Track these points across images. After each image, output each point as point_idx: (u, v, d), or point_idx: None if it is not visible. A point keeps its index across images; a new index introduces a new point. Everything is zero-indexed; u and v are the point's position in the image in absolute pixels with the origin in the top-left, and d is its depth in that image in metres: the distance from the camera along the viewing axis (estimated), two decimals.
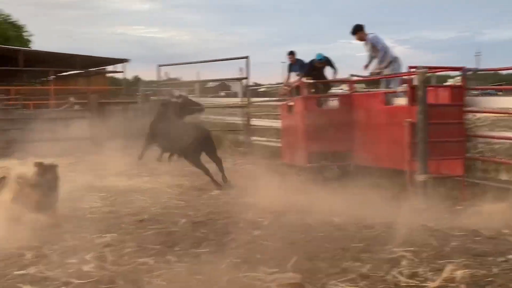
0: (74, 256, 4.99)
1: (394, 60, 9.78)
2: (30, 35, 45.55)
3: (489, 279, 4.23)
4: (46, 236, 5.57)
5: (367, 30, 9.94)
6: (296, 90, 10.92)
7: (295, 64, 12.09)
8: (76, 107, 16.56)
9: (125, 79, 25.99)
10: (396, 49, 11.45)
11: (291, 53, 12.11)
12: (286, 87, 12.07)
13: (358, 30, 9.95)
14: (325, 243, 5.32)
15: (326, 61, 10.58)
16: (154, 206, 7.11)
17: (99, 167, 10.69)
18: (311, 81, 9.98)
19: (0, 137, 14.64)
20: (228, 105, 16.76)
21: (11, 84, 29.44)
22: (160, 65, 15.91)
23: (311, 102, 9.38)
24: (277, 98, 12.86)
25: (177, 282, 4.28)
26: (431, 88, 7.90)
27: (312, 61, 10.90)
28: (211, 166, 9.02)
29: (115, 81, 35.41)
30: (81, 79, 26.84)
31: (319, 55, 10.44)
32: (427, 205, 6.90)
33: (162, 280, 4.31)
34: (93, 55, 23.64)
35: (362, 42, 10.03)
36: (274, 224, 6.10)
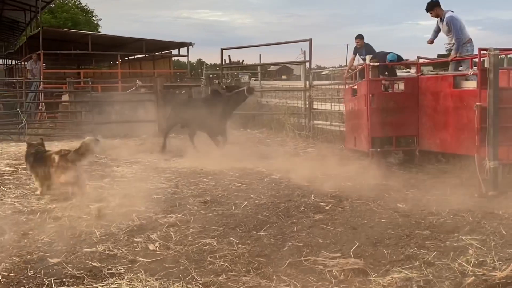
0: (140, 235, 5.15)
1: (468, 42, 9.41)
2: (99, 20, 47.02)
3: None
4: (114, 215, 5.77)
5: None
6: (360, 73, 10.73)
7: (362, 48, 11.83)
8: (143, 90, 16.97)
9: (189, 63, 26.39)
10: (467, 30, 10.88)
11: (360, 37, 11.85)
12: (350, 70, 11.86)
13: (434, 6, 9.55)
14: (389, 229, 5.23)
15: (398, 60, 10.31)
16: (216, 188, 7.21)
17: (165, 149, 10.94)
18: (376, 63, 9.73)
19: (71, 119, 15.28)
20: (290, 88, 16.66)
21: (80, 67, 30.60)
22: (223, 49, 16.05)
23: (376, 85, 9.18)
24: (340, 82, 12.65)
25: (239, 263, 4.34)
26: (503, 70, 7.54)
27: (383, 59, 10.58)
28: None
29: (179, 64, 36.07)
30: (147, 62, 27.44)
31: (392, 55, 10.18)
32: (496, 193, 6.66)
33: (225, 261, 4.38)
34: (158, 39, 24.04)
35: (437, 20, 9.66)
36: (336, 209, 6.06)
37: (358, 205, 6.17)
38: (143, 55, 26.62)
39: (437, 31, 9.93)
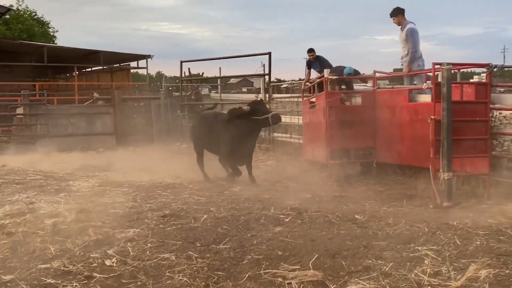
0: (97, 250, 5.04)
1: (420, 57, 9.63)
2: (55, 31, 46.15)
3: None
4: (70, 230, 5.64)
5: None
6: (318, 86, 10.87)
7: (315, 61, 12.01)
8: (100, 102, 16.74)
9: (148, 75, 26.19)
10: (422, 46, 11.22)
11: (311, 51, 12.04)
12: (307, 83, 12.01)
13: (398, 13, 9.65)
14: (347, 240, 5.28)
15: (355, 74, 10.52)
16: (176, 202, 7.14)
17: (122, 162, 10.78)
18: (334, 77, 9.89)
19: (25, 132, 14.92)
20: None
21: (36, 80, 29.96)
22: (182, 61, 16.00)
23: (333, 98, 9.32)
24: (299, 95, 12.79)
25: (198, 277, 4.30)
26: (456, 84, 7.78)
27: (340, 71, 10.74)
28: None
29: (138, 76, 35.75)
30: (105, 74, 27.10)
31: (349, 68, 10.38)
32: (451, 203, 6.83)
33: (183, 276, 4.33)
34: (116, 51, 23.79)
35: (399, 27, 9.79)
36: (295, 221, 6.07)
37: (317, 217, 6.21)
38: (101, 67, 26.28)
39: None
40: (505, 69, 8.55)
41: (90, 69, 28.43)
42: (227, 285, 4.16)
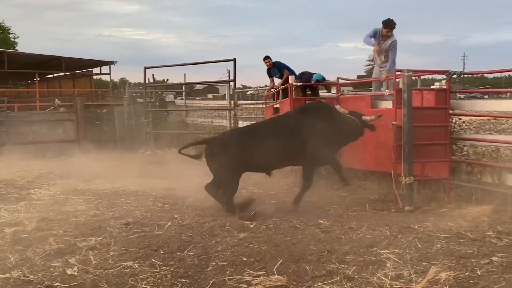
0: (58, 259, 4.95)
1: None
2: (16, 37, 45.26)
3: (473, 281, 4.25)
4: (31, 239, 5.52)
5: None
6: (283, 92, 10.94)
7: (273, 68, 12.09)
8: (62, 109, 16.46)
9: (111, 81, 25.90)
10: None
11: (267, 58, 12.09)
12: (271, 89, 12.07)
13: (393, 27, 9.75)
14: (311, 245, 5.32)
15: (323, 81, 10.64)
16: (139, 210, 7.06)
17: (84, 169, 10.60)
18: (300, 83, 9.97)
19: None
20: (215, 107, 16.73)
21: None
22: (146, 67, 15.87)
23: (297, 104, 9.37)
24: (264, 101, 12.85)
25: (162, 285, 4.26)
26: (417, 91, 7.94)
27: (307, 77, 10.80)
28: None
29: (102, 83, 35.30)
30: (67, 81, 26.67)
31: (318, 75, 10.49)
32: (412, 207, 6.95)
33: (147, 284, 4.29)
34: (79, 57, 23.45)
35: (378, 36, 9.88)
36: (260, 227, 6.08)
37: (281, 223, 6.23)
38: (63, 74, 25.85)
39: (370, 39, 10.13)
40: (464, 75, 8.77)
41: (52, 76, 27.93)
42: None
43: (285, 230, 5.90)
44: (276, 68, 11.98)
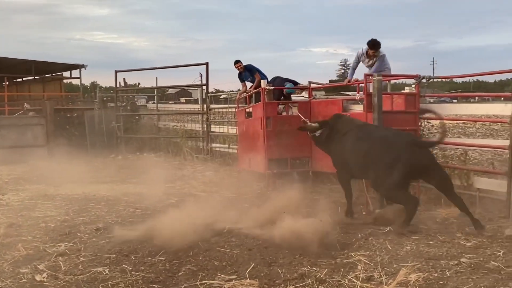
0: (27, 265, 4.87)
1: None
2: None
3: (442, 282, 4.31)
4: None
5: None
6: (255, 96, 10.96)
7: (245, 71, 12.09)
8: (31, 113, 16.19)
9: (82, 85, 25.56)
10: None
11: (238, 62, 12.06)
12: (243, 93, 12.07)
13: (378, 47, 9.76)
14: (283, 248, 5.33)
15: (294, 84, 10.72)
16: (110, 215, 7.00)
17: (54, 175, 10.44)
18: (272, 87, 10.00)
19: None
20: (187, 111, 16.66)
21: None
22: (117, 71, 15.72)
23: (272, 108, 9.40)
24: (236, 105, 12.86)
25: None
26: (387, 95, 8.04)
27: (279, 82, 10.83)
28: None
29: (72, 87, 34.83)
30: (37, 85, 26.23)
31: (290, 85, 10.59)
32: (383, 210, 7.02)
33: None
34: (49, 60, 23.10)
35: (361, 56, 9.88)
36: (232, 231, 6.07)
37: (254, 227, 6.21)
38: (32, 78, 25.43)
39: (355, 68, 10.13)
40: (434, 80, 8.91)
41: (21, 79, 27.43)
42: None
43: (257, 234, 5.89)
44: (247, 72, 11.98)
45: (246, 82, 12.32)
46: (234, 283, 4.34)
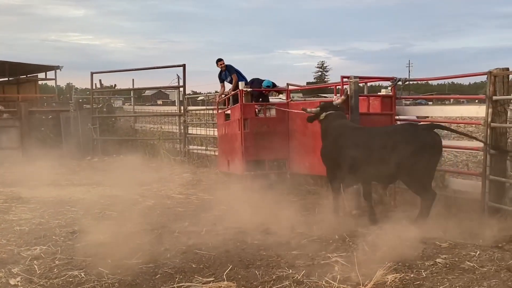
0: (1, 269, 4.80)
1: None
2: None
3: (418, 282, 4.37)
4: None
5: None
6: (233, 98, 10.95)
7: (225, 71, 12.04)
8: (5, 115, 15.93)
9: (57, 87, 25.23)
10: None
11: (220, 60, 11.99)
12: (222, 95, 12.04)
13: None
14: (261, 250, 5.34)
15: (273, 86, 10.72)
16: (86, 218, 6.91)
17: (29, 177, 10.28)
18: (250, 89, 10.00)
19: None
20: (164, 113, 16.56)
21: None
22: (93, 72, 15.56)
23: (249, 110, 9.40)
24: (215, 107, 12.81)
25: None
26: (363, 97, 8.10)
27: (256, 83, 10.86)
28: None
29: (47, 88, 34.36)
30: (11, 86, 25.81)
31: (268, 81, 10.58)
32: (359, 211, 7.07)
33: None
34: (23, 61, 22.73)
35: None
36: (210, 233, 6.06)
37: (232, 229, 6.22)
38: (6, 79, 25.01)
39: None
40: (409, 82, 9.01)
41: None
42: None
43: (235, 236, 5.90)
44: (228, 71, 11.94)
45: (225, 82, 12.27)
46: (211, 285, 4.33)
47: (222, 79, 12.26)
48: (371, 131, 6.66)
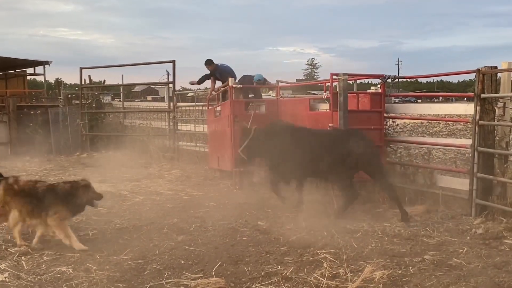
0: None
1: None
2: None
3: (406, 279, 4.39)
4: None
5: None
6: (223, 94, 10.92)
7: (216, 70, 11.94)
8: None
9: (46, 82, 25.05)
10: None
11: (208, 62, 11.78)
12: (214, 92, 12.00)
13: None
14: (250, 246, 5.35)
15: (264, 81, 10.70)
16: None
17: (17, 173, 10.19)
18: (240, 85, 9.97)
19: None
20: (154, 109, 16.50)
21: None
22: (82, 68, 15.47)
23: (239, 106, 9.38)
24: (204, 103, 12.77)
25: None
26: (353, 94, 8.12)
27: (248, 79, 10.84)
28: None
29: (36, 83, 34.11)
30: None
31: (259, 75, 10.55)
32: (348, 208, 7.09)
33: None
34: (12, 56, 22.53)
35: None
36: (199, 229, 6.06)
37: (221, 225, 6.23)
38: None
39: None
40: (399, 80, 9.05)
41: None
42: None
43: (224, 232, 5.90)
44: (218, 71, 11.83)
45: (216, 80, 12.15)
46: (200, 282, 4.32)
47: (214, 76, 12.16)
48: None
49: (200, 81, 12.36)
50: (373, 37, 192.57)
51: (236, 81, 10.49)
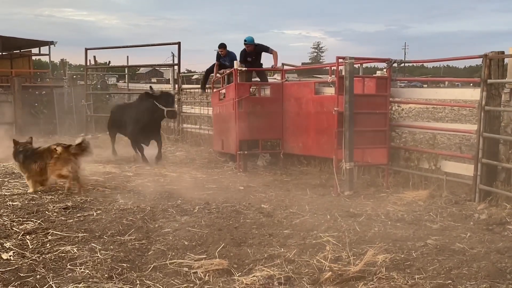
0: None
1: None
2: None
3: (408, 263, 4.40)
4: None
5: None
6: (228, 78, 10.89)
7: (225, 56, 11.88)
8: None
9: (51, 62, 25.03)
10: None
11: (222, 46, 11.73)
12: (218, 75, 11.96)
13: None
14: (253, 229, 5.37)
15: (255, 46, 10.63)
16: (78, 194, 6.90)
17: None
18: (244, 68, 9.93)
19: None
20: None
21: None
22: (87, 49, 15.44)
23: (244, 89, 9.36)
24: (209, 86, 12.74)
25: (101, 270, 4.19)
26: (358, 78, 8.09)
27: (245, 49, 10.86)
28: None
29: (41, 64, 34.07)
30: (4, 61, 25.56)
31: (249, 37, 10.52)
32: (352, 192, 7.12)
33: (85, 268, 4.20)
34: (17, 36, 22.48)
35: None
36: (202, 211, 6.08)
37: (224, 207, 6.25)
38: (0, 53, 24.76)
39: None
40: (405, 64, 9.00)
41: None
42: (131, 276, 4.09)
43: (227, 214, 5.92)
44: (228, 58, 11.73)
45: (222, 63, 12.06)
46: (203, 263, 4.34)
47: (219, 59, 12.11)
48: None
49: (206, 77, 12.43)
50: (380, 21, 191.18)
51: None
